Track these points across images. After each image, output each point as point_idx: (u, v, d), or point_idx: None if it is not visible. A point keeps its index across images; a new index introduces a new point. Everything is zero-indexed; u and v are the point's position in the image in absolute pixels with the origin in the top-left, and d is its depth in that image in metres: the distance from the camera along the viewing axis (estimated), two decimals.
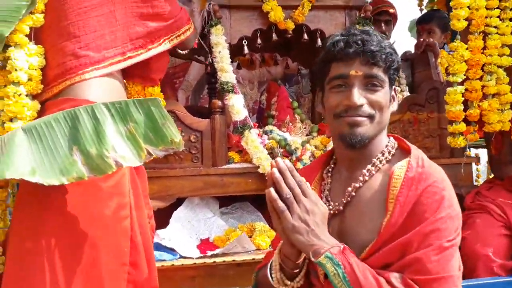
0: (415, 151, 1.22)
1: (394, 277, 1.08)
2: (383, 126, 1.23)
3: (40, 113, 1.55)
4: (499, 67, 2.09)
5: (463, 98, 2.08)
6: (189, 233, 2.04)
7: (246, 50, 2.28)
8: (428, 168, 1.17)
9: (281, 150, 2.23)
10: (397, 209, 1.12)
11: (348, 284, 1.05)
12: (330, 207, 1.24)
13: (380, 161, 1.22)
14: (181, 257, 1.92)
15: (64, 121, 1.40)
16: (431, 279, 1.07)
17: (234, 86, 2.19)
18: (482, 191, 2.25)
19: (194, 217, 2.10)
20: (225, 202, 2.30)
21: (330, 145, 2.24)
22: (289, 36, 2.32)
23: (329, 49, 1.22)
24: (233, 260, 1.93)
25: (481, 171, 3.36)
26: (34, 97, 1.58)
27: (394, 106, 1.27)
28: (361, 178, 1.21)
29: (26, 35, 1.57)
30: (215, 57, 2.20)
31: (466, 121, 2.13)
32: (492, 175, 2.44)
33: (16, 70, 1.53)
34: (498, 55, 2.07)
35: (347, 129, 1.19)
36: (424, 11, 3.35)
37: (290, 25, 2.30)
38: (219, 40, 2.21)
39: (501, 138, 2.26)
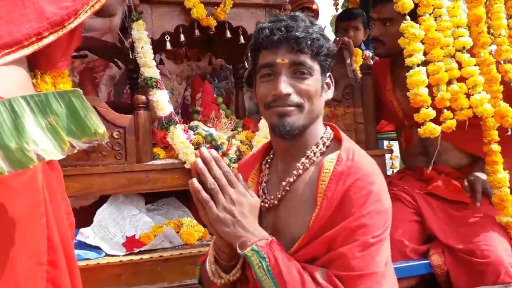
0: (347, 143, 1.20)
1: (319, 272, 1.07)
2: (315, 115, 1.21)
3: None
4: (459, 50, 1.94)
5: (426, 80, 1.89)
6: (114, 231, 1.99)
7: (168, 45, 2.26)
8: (358, 162, 1.15)
9: (207, 145, 2.24)
10: (324, 203, 1.12)
11: (271, 277, 1.04)
12: (266, 200, 1.23)
13: (314, 153, 1.21)
14: (107, 255, 1.87)
15: None
16: (354, 275, 1.06)
17: (158, 81, 2.17)
18: (394, 180, 2.40)
19: (119, 215, 2.05)
20: (151, 198, 2.27)
21: (255, 140, 2.29)
22: (212, 33, 2.34)
23: (256, 37, 1.20)
24: (160, 256, 1.92)
25: (396, 164, 3.54)
26: None
27: (328, 94, 1.25)
28: (295, 172, 1.20)
29: None
30: (137, 53, 2.17)
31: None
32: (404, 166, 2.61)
33: None
34: (454, 37, 1.94)
35: (276, 119, 1.18)
36: (340, 10, 3.52)
37: (212, 22, 2.32)
38: (141, 35, 2.18)
39: (410, 132, 2.41)
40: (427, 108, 1.88)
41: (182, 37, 2.28)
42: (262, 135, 2.29)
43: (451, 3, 1.98)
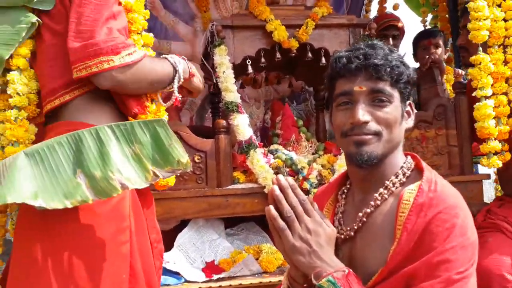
0: (428, 173, 1.14)
1: None
2: (394, 144, 1.16)
3: (38, 137, 1.53)
4: None
5: (494, 113, 2.00)
6: (194, 256, 2.00)
7: (250, 69, 2.26)
8: (441, 193, 1.09)
9: (287, 169, 2.20)
10: (404, 236, 1.06)
11: None
12: (342, 231, 1.19)
13: (394, 184, 1.16)
14: (186, 281, 1.88)
15: (68, 144, 1.38)
16: None
17: (239, 105, 2.17)
18: (493, 208, 2.20)
19: (199, 239, 2.05)
20: (231, 223, 2.26)
21: (337, 164, 2.21)
22: (293, 55, 2.31)
23: (332, 66, 1.18)
24: (240, 284, 1.89)
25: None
26: (30, 120, 1.57)
27: (409, 123, 1.21)
28: (372, 203, 1.15)
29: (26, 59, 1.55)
30: (219, 77, 2.19)
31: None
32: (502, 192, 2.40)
33: (18, 94, 1.52)
34: None
35: (353, 148, 1.14)
36: (428, 27, 3.37)
37: (294, 44, 2.29)
38: (223, 60, 2.20)
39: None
40: (493, 141, 1.99)
41: (263, 60, 2.27)
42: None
43: None
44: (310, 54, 2.30)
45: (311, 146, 2.38)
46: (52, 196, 1.28)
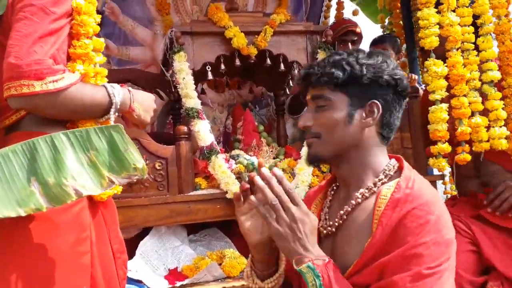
0: (408, 171, 1.18)
1: None
2: (348, 143, 1.20)
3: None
4: (486, 83, 2.03)
5: (447, 117, 2.04)
6: (156, 264, 1.98)
7: (210, 75, 2.27)
8: (417, 190, 1.12)
9: (249, 174, 2.21)
10: (379, 230, 1.10)
11: None
12: (325, 225, 1.24)
13: (375, 184, 1.20)
14: None
15: (22, 152, 1.35)
16: None
17: (199, 111, 2.17)
18: (447, 208, 2.27)
19: (161, 247, 2.03)
20: (193, 229, 2.26)
21: (298, 168, 2.24)
22: (252, 61, 2.34)
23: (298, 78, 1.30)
24: None
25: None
26: None
27: (368, 122, 1.20)
28: (353, 202, 1.20)
29: None
30: (179, 84, 2.19)
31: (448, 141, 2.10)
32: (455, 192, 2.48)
33: None
34: (483, 71, 2.03)
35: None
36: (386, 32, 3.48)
37: (253, 51, 2.32)
38: (182, 66, 2.20)
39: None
40: (443, 143, 2.07)
41: (223, 67, 2.29)
42: (305, 162, 2.23)
43: (481, 37, 2.05)
44: (269, 61, 2.33)
45: (271, 151, 2.41)
46: (5, 204, 1.25)
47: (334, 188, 1.33)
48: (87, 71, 1.44)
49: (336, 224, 1.21)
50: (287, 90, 2.72)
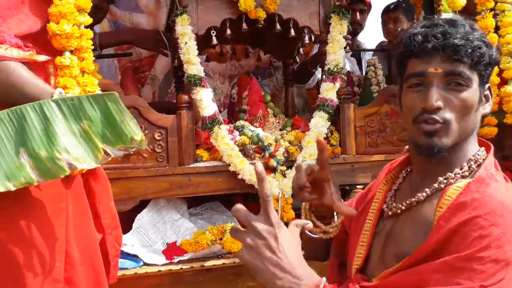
0: (484, 172, 1.03)
1: None
2: (468, 132, 1.07)
3: None
4: None
5: None
6: (154, 238, 1.90)
7: (214, 41, 2.13)
8: (488, 196, 0.97)
9: (254, 146, 2.11)
10: (434, 232, 0.97)
11: None
12: (391, 206, 1.14)
13: (455, 175, 1.06)
14: (145, 264, 1.79)
15: (9, 121, 1.26)
16: None
17: (202, 79, 2.05)
18: None
19: (160, 220, 1.96)
20: (194, 202, 2.18)
21: (305, 140, 2.13)
22: (261, 26, 2.19)
23: (406, 43, 1.07)
24: (202, 266, 1.82)
25: None
26: None
27: (486, 108, 1.10)
28: (427, 190, 1.07)
29: None
30: (181, 49, 2.05)
31: None
32: None
33: None
34: None
35: (423, 139, 1.04)
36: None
37: (262, 14, 2.17)
38: (185, 30, 2.06)
39: None
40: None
41: (229, 32, 2.14)
42: (313, 135, 2.13)
43: None
44: (278, 26, 2.19)
45: (278, 122, 2.30)
46: None
47: (408, 169, 1.20)
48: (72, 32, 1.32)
49: (403, 208, 1.10)
50: (297, 58, 2.58)
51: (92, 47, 1.48)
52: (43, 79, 1.36)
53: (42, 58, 1.34)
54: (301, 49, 2.54)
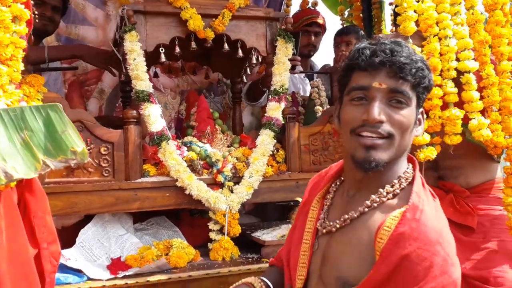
0: (416, 198, 1.05)
1: None
2: (402, 151, 1.10)
3: None
4: (463, 73, 1.88)
5: None
6: (98, 253, 1.87)
7: (163, 58, 2.17)
8: (424, 225, 1.01)
9: (201, 162, 2.14)
10: (379, 264, 1.00)
11: None
12: (325, 224, 1.14)
13: (387, 193, 1.09)
14: (89, 279, 1.76)
15: None
16: None
17: (151, 94, 2.07)
18: None
19: (104, 235, 1.93)
20: (140, 217, 2.16)
21: (252, 157, 2.18)
22: (209, 45, 2.25)
23: (352, 57, 1.08)
24: (147, 281, 1.80)
25: None
26: None
27: (418, 131, 1.13)
28: (360, 209, 1.09)
29: None
30: (129, 65, 2.07)
31: None
32: None
33: None
34: (459, 59, 1.89)
35: (362, 152, 1.06)
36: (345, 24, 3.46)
37: (210, 34, 2.23)
38: (134, 46, 2.09)
39: None
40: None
41: (178, 49, 2.19)
42: (260, 152, 2.18)
43: (457, 26, 1.91)
44: (226, 46, 2.25)
45: (226, 139, 2.34)
46: None
47: (338, 183, 1.22)
48: (1, 39, 1.32)
49: (338, 226, 1.12)
50: (245, 78, 2.65)
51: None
52: None
53: None
54: (248, 69, 2.60)
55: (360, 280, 1.03)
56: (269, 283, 1.29)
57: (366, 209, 1.09)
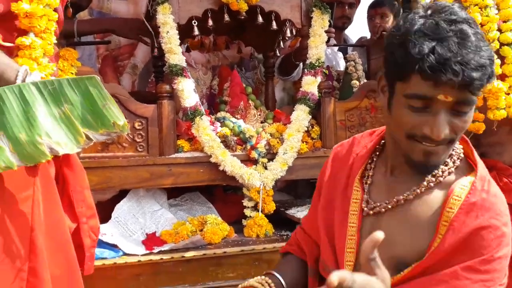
0: (482, 170, 1.05)
1: None
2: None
3: None
4: (505, 44, 1.78)
5: None
6: (133, 228, 1.88)
7: (196, 31, 2.12)
8: (493, 196, 1.01)
9: (235, 138, 2.10)
10: (449, 234, 0.98)
11: None
12: (371, 205, 1.10)
13: (443, 172, 1.06)
14: (125, 254, 1.76)
15: None
16: None
17: (184, 69, 2.03)
18: None
19: (139, 210, 1.93)
20: (174, 193, 2.15)
21: (287, 133, 2.13)
22: (242, 18, 2.19)
23: (415, 58, 0.93)
24: (182, 256, 1.80)
25: None
26: None
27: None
28: (417, 190, 1.05)
29: None
30: (162, 38, 2.03)
31: None
32: None
33: None
34: (502, 31, 1.78)
35: (419, 156, 1.01)
36: None
37: (243, 6, 2.15)
38: (167, 19, 2.03)
39: None
40: None
41: (210, 22, 2.13)
42: (295, 128, 2.14)
43: None
44: (260, 18, 2.18)
45: (259, 115, 2.30)
46: None
47: (374, 159, 1.16)
48: (34, 11, 1.28)
49: (390, 206, 1.07)
50: (278, 52, 2.58)
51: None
52: None
53: (7, 44, 1.29)
54: (281, 43, 2.53)
55: (416, 257, 1.01)
56: (281, 279, 1.19)
57: (423, 189, 1.06)
